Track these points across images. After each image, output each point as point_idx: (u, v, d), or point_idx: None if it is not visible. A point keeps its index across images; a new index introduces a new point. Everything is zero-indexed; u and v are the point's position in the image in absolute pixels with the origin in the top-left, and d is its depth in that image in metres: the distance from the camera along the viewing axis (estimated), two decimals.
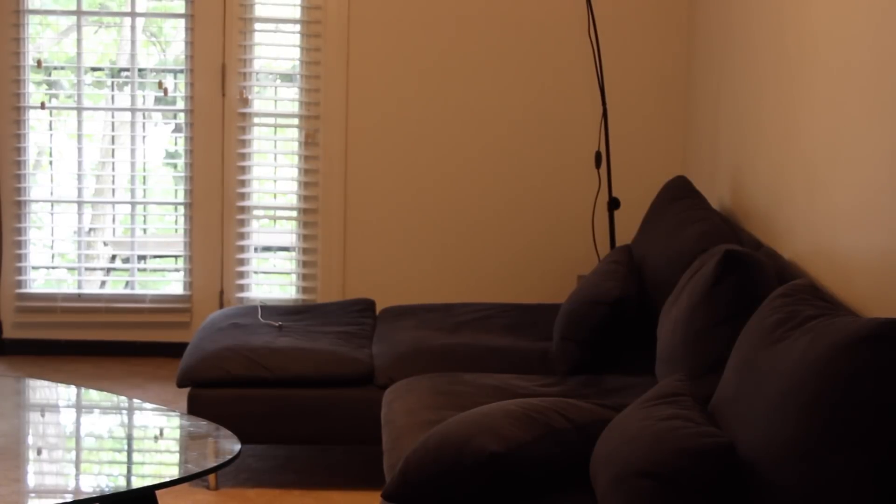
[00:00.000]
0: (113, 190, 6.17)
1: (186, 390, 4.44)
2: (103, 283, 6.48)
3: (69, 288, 6.12)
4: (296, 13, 5.90)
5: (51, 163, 6.30)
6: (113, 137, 6.28)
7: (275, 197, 6.16)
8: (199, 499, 4.32)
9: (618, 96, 5.67)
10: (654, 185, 4.99)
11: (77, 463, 3.61)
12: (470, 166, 5.92)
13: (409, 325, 4.80)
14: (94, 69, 6.40)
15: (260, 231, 6.21)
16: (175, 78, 6.10)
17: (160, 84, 6.01)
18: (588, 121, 5.71)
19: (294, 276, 6.06)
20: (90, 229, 6.31)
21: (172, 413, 4.07)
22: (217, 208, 5.96)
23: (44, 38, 6.40)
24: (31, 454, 3.62)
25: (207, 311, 5.73)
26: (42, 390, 4.27)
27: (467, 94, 5.88)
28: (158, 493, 3.31)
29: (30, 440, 3.73)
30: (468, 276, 5.95)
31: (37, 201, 6.10)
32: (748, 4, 4.71)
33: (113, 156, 6.30)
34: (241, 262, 6.00)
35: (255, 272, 6.09)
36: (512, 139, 5.90)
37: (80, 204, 6.07)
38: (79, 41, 5.95)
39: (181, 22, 6.02)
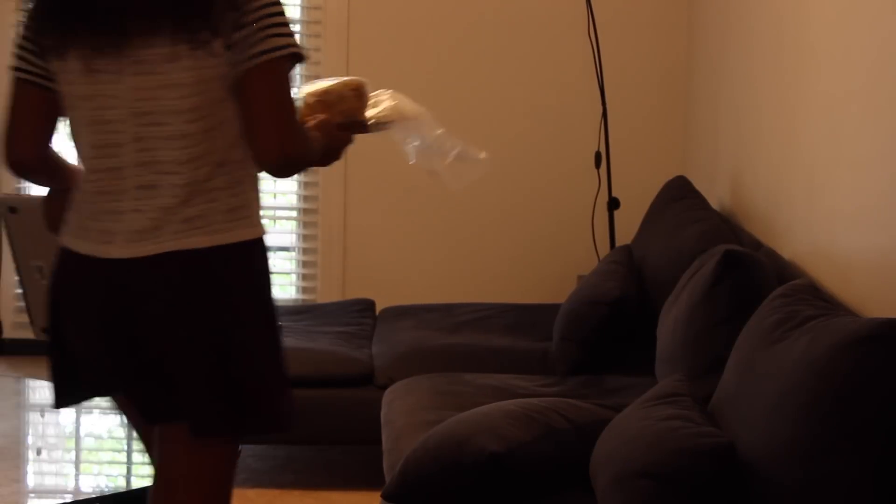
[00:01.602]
0: None
1: None
2: None
3: None
4: (296, 13, 5.90)
5: None
6: None
7: (274, 197, 6.15)
8: None
9: (618, 96, 5.66)
10: (654, 185, 4.99)
11: (77, 463, 3.61)
12: None
13: (409, 325, 4.80)
14: None
15: None
16: None
17: None
18: (588, 121, 5.70)
19: (294, 276, 6.05)
20: None
21: None
22: None
23: None
24: (31, 454, 3.62)
25: None
26: (42, 390, 4.27)
27: (467, 93, 5.88)
28: None
29: (30, 440, 3.73)
30: (468, 276, 5.94)
31: None
32: (748, 4, 4.71)
33: None
34: None
35: None
36: (512, 139, 5.89)
37: None
38: None
39: None
